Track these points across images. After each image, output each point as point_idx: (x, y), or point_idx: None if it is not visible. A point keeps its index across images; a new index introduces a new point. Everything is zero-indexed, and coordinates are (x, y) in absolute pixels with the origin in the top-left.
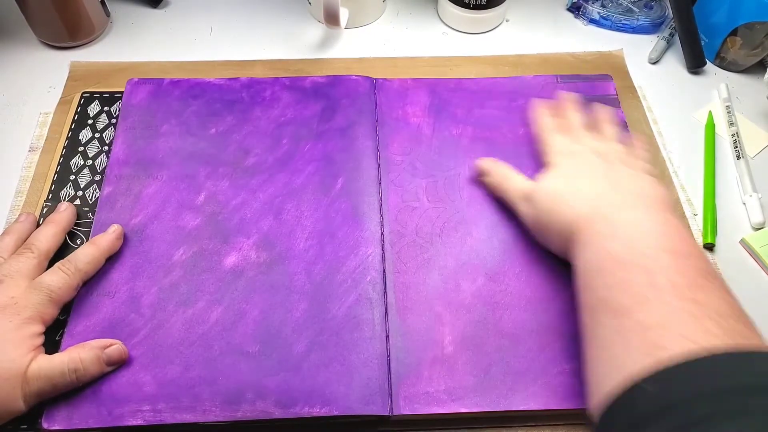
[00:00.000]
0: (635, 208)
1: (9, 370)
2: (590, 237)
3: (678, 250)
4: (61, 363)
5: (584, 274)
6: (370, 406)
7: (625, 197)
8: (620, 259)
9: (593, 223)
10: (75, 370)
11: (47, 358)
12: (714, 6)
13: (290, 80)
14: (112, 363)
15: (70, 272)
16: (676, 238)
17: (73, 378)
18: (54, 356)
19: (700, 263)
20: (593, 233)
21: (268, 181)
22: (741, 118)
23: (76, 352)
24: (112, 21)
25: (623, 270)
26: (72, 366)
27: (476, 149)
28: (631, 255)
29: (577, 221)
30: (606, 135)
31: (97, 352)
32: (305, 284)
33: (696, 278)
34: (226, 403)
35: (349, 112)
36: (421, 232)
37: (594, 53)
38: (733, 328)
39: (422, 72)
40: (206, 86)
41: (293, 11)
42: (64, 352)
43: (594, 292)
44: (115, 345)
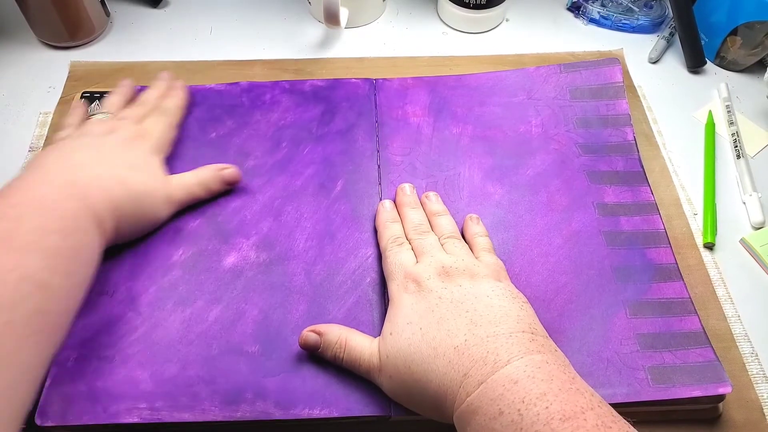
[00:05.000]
0: (504, 358)
1: (157, 184)
2: (472, 416)
3: (568, 410)
4: (192, 176)
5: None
6: (370, 408)
7: (487, 345)
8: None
9: (467, 395)
10: (201, 183)
11: (180, 175)
12: (714, 5)
13: (290, 84)
14: (229, 182)
15: (170, 116)
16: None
17: (202, 190)
18: (183, 174)
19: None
20: (472, 411)
21: (267, 184)
22: (741, 118)
23: (202, 172)
24: (112, 21)
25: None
26: (199, 179)
27: (476, 148)
28: None
29: (447, 395)
30: (442, 231)
31: (215, 171)
32: (305, 285)
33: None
34: (225, 402)
35: (349, 115)
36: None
37: (594, 53)
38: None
39: (422, 72)
40: (207, 93)
41: (293, 11)
42: (191, 172)
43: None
44: (230, 168)
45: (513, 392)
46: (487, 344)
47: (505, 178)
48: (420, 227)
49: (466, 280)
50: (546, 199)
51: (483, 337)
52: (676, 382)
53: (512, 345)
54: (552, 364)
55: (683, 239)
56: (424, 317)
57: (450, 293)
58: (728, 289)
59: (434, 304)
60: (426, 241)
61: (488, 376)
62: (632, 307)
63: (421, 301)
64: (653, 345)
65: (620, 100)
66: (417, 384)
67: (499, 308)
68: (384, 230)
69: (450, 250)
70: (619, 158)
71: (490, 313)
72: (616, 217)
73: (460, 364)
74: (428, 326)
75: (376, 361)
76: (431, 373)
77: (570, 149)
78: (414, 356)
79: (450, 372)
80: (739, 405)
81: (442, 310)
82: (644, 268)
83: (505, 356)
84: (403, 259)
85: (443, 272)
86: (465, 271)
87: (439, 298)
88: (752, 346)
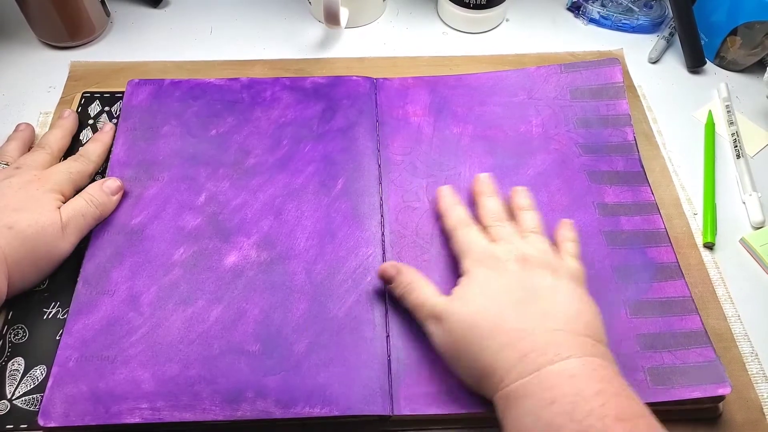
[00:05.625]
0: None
1: (48, 218)
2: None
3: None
4: (80, 198)
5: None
6: (371, 407)
7: (552, 337)
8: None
9: (519, 377)
10: (91, 201)
11: (69, 202)
12: (714, 5)
13: (290, 81)
14: (114, 192)
15: (85, 161)
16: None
17: (93, 207)
18: (71, 201)
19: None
20: (523, 394)
21: (268, 182)
22: (741, 118)
23: (83, 191)
24: (112, 21)
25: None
26: (87, 198)
27: (477, 148)
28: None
29: (498, 370)
30: (527, 224)
31: (98, 185)
32: (305, 284)
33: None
34: (226, 402)
35: (350, 112)
36: (421, 233)
37: (594, 53)
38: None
39: (422, 71)
40: (207, 87)
41: (293, 11)
42: (76, 196)
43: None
44: (110, 179)
45: (569, 385)
46: (552, 336)
47: (505, 178)
48: (498, 215)
49: (548, 274)
50: (546, 198)
51: (550, 329)
52: (676, 383)
53: (575, 344)
54: (609, 369)
55: (683, 239)
56: (499, 294)
57: (529, 280)
58: (728, 288)
59: (511, 285)
60: (505, 229)
61: (545, 366)
62: (633, 306)
63: (499, 278)
64: (653, 345)
65: (620, 100)
66: (470, 350)
67: (574, 309)
68: (450, 212)
69: (532, 242)
70: (619, 158)
71: (563, 311)
72: (616, 217)
73: (520, 346)
74: (500, 303)
75: (438, 312)
76: (488, 346)
77: (570, 149)
78: (478, 324)
79: (507, 351)
80: (739, 405)
81: (517, 293)
82: (645, 267)
83: (566, 352)
84: (475, 237)
85: (522, 259)
86: (546, 265)
87: (518, 281)
88: (752, 346)
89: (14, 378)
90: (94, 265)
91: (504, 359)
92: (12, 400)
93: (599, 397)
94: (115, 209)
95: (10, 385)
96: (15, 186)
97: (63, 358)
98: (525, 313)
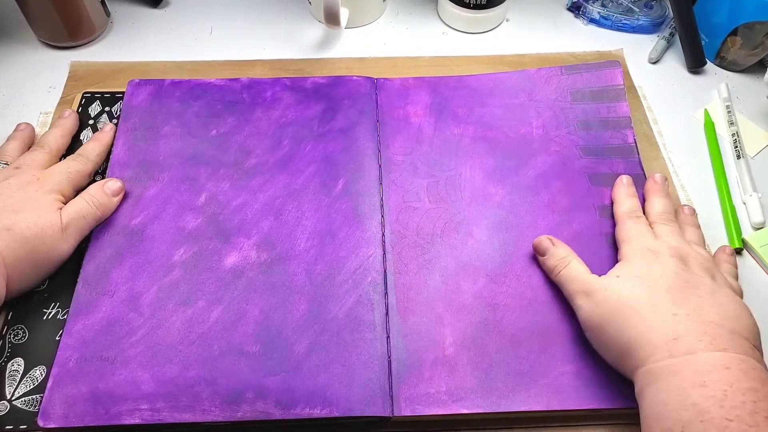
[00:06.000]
0: (721, 345)
1: (48, 220)
2: (667, 376)
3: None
4: (80, 199)
5: (657, 416)
6: (371, 408)
7: (707, 328)
8: (708, 417)
9: (669, 356)
10: (92, 202)
11: (69, 203)
12: (714, 6)
13: (291, 81)
14: (115, 193)
15: (83, 161)
16: None
17: (94, 209)
18: (71, 202)
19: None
20: (670, 372)
21: (268, 182)
22: (741, 118)
23: (84, 192)
24: (112, 21)
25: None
26: (88, 199)
27: (477, 149)
28: (721, 412)
29: (646, 346)
30: (690, 237)
31: (99, 186)
32: (306, 284)
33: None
34: (226, 403)
35: (350, 112)
36: (422, 233)
37: (594, 53)
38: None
39: (422, 72)
40: (207, 87)
41: (293, 11)
42: (77, 197)
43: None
44: (111, 179)
45: (723, 374)
46: (707, 328)
47: (506, 179)
48: (666, 215)
49: (706, 277)
50: (547, 200)
51: (706, 321)
52: None
53: (733, 341)
54: (765, 373)
55: None
56: (656, 280)
57: (690, 275)
58: None
59: (668, 275)
60: (669, 228)
61: (700, 351)
62: None
63: (656, 267)
64: None
65: (621, 103)
66: (618, 324)
67: (734, 311)
68: (623, 201)
69: (695, 248)
70: (619, 161)
71: (722, 310)
72: None
73: (674, 328)
74: (656, 287)
75: (591, 287)
76: (639, 323)
77: (571, 151)
78: (631, 301)
79: (659, 328)
80: None
81: (676, 282)
82: None
83: (722, 344)
84: (642, 229)
85: (684, 258)
86: (705, 268)
87: (675, 273)
88: None
89: (14, 378)
90: (94, 265)
91: (656, 337)
92: (12, 400)
93: (752, 393)
94: (116, 210)
95: (9, 385)
96: (14, 187)
97: (63, 358)
98: (682, 301)
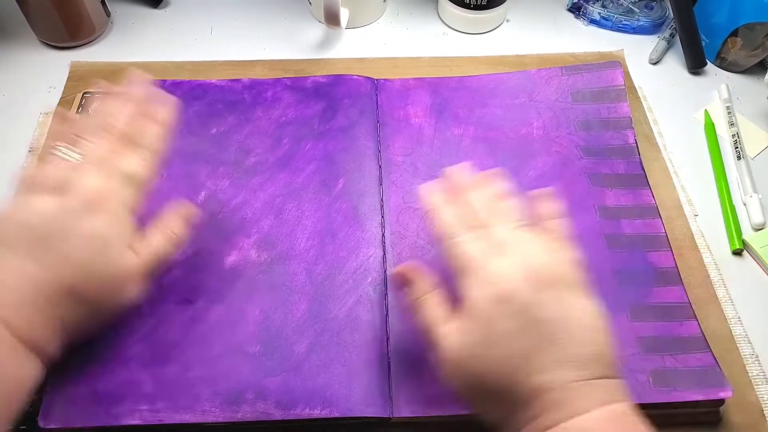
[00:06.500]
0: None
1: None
2: None
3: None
4: (158, 240)
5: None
6: (371, 408)
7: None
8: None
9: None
10: (170, 241)
11: (145, 241)
12: (714, 6)
13: (291, 80)
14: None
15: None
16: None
17: (173, 249)
18: (148, 237)
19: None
20: None
21: (268, 181)
22: (741, 119)
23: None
24: (112, 21)
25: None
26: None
27: (478, 150)
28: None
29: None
30: (510, 216)
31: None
32: (306, 284)
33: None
34: (226, 403)
35: (351, 112)
36: (422, 234)
37: (594, 53)
38: None
39: (423, 72)
40: (208, 87)
41: (293, 11)
42: (153, 230)
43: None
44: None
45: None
46: (568, 387)
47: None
48: (487, 214)
49: (563, 292)
50: None
51: (567, 379)
52: (678, 385)
53: (592, 393)
54: (629, 418)
55: (684, 240)
56: (507, 337)
57: (544, 311)
58: (729, 290)
59: (519, 321)
60: (500, 234)
61: (562, 421)
62: (633, 310)
63: (508, 319)
64: (654, 348)
65: (621, 103)
66: (479, 400)
67: (590, 341)
68: (441, 215)
69: (527, 242)
70: (620, 161)
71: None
72: (617, 220)
73: (534, 404)
74: (508, 349)
75: (443, 347)
76: (498, 402)
77: (571, 152)
78: (487, 378)
79: (520, 408)
80: (739, 407)
81: (527, 329)
82: (645, 272)
83: (583, 404)
84: (477, 251)
85: (533, 278)
86: (558, 280)
87: (526, 312)
88: (753, 348)
89: None
90: None
91: (518, 418)
92: None
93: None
94: None
95: None
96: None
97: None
98: (537, 358)
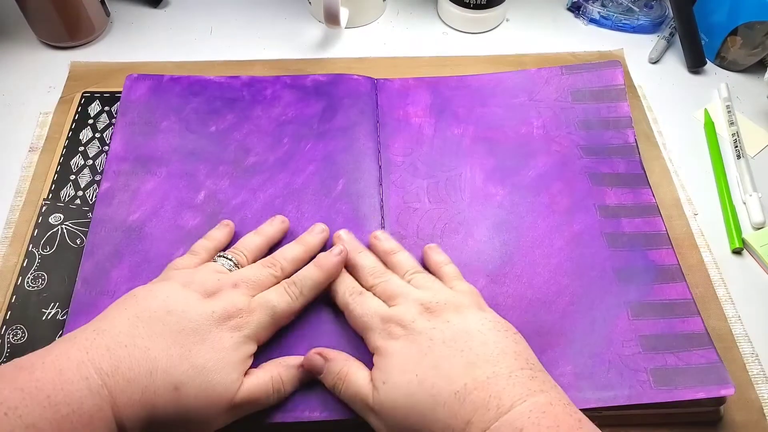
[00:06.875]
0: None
1: (222, 396)
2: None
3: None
4: (266, 384)
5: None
6: None
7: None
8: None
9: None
10: (277, 391)
11: (253, 380)
12: (714, 5)
13: (291, 79)
14: (310, 378)
15: (295, 296)
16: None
17: (274, 399)
18: (257, 377)
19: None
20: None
21: (268, 181)
22: (741, 118)
23: (276, 371)
24: (112, 21)
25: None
26: (276, 386)
27: (478, 149)
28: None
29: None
30: (404, 267)
31: (296, 373)
32: None
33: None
34: None
35: (351, 112)
36: (422, 234)
37: (594, 53)
38: None
39: (423, 72)
40: (207, 83)
41: (293, 11)
42: (264, 370)
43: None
44: (313, 360)
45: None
46: (488, 388)
47: (506, 179)
48: (377, 270)
49: (453, 315)
50: (547, 200)
51: (483, 380)
52: (678, 384)
53: (514, 386)
54: (556, 405)
55: (683, 239)
56: (419, 363)
57: (441, 332)
58: (728, 289)
59: (426, 347)
60: (392, 283)
61: (491, 423)
62: (634, 308)
63: (412, 346)
64: (655, 347)
65: (621, 103)
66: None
67: (495, 344)
68: (336, 285)
69: (421, 284)
70: (620, 160)
71: (487, 351)
72: (617, 218)
73: (462, 411)
74: (424, 373)
75: (371, 405)
76: (432, 423)
77: (571, 151)
78: (413, 407)
79: (451, 421)
80: (740, 405)
81: (435, 353)
82: (646, 270)
83: (507, 401)
84: (373, 306)
85: (426, 310)
86: (447, 304)
87: (430, 339)
88: (752, 347)
89: None
90: (93, 264)
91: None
92: None
93: None
94: (113, 205)
95: None
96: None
97: None
98: (453, 374)
